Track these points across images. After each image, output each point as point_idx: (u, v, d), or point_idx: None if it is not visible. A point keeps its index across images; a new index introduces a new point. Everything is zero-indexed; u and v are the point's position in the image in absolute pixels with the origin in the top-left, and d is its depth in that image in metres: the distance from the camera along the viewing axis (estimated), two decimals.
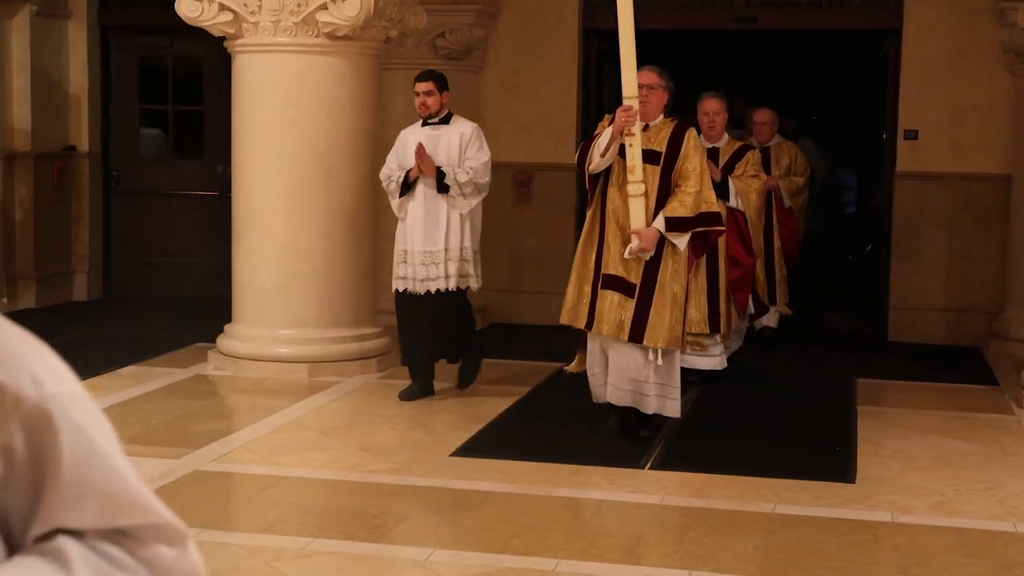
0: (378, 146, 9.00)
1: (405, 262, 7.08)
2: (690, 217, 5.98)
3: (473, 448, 6.70)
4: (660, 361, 6.05)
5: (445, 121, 7.04)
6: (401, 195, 7.05)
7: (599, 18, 10.67)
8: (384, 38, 8.79)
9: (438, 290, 7.07)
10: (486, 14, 10.35)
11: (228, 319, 8.88)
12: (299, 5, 8.34)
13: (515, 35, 10.59)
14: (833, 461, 6.61)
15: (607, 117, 6.14)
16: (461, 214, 7.10)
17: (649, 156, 5.95)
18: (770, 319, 9.11)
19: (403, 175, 6.96)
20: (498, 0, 10.52)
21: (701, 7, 10.80)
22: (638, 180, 5.82)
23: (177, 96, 12.67)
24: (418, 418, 7.66)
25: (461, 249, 7.10)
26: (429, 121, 7.00)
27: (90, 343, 9.84)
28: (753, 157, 8.03)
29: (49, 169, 11.56)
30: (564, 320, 6.26)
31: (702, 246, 6.32)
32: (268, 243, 8.51)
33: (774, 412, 7.75)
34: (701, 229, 6.09)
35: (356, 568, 5.31)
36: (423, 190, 7.02)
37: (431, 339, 7.28)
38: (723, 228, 6.43)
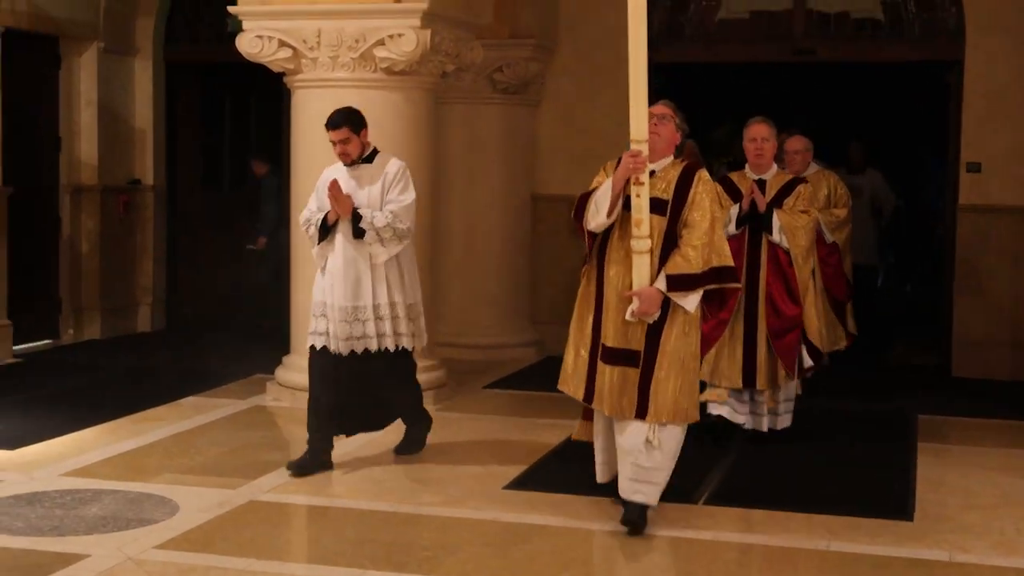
0: (435, 181, 9.09)
1: (324, 315, 6.41)
2: (697, 274, 5.24)
3: (526, 482, 6.68)
4: (659, 443, 5.33)
5: (368, 160, 6.33)
6: (320, 240, 6.33)
7: (656, 52, 10.89)
8: (441, 72, 8.84)
9: (366, 350, 6.41)
10: (543, 48, 10.47)
11: (287, 350, 8.93)
12: (357, 41, 8.46)
13: (572, 69, 10.69)
14: (891, 498, 6.48)
15: (604, 168, 5.48)
16: (386, 263, 6.40)
17: (655, 205, 5.26)
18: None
19: (322, 217, 6.26)
20: (555, 34, 10.65)
21: (760, 41, 10.91)
22: (644, 235, 5.17)
23: (237, 130, 12.84)
24: (472, 451, 7.61)
25: (391, 304, 6.40)
26: (352, 165, 6.34)
27: (152, 374, 9.96)
28: (805, 191, 7.23)
29: (115, 202, 11.71)
30: (561, 387, 5.66)
31: (719, 304, 5.66)
32: None
33: (832, 447, 7.65)
34: (713, 287, 5.36)
35: None
36: (342, 237, 6.31)
37: (348, 404, 6.63)
38: (739, 285, 5.67)
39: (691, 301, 5.20)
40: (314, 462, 6.50)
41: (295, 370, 8.57)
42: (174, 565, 5.39)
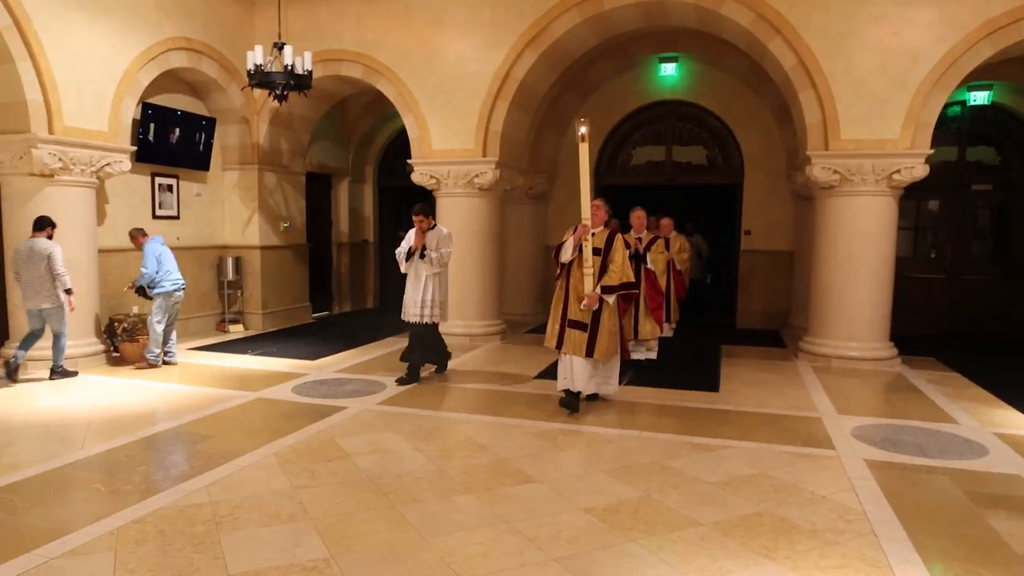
0: (502, 238, 9.90)
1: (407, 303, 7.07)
2: (615, 285, 5.82)
3: (543, 374, 7.29)
4: (603, 365, 6.09)
5: (432, 228, 6.96)
6: (407, 260, 6.98)
7: (602, 179, 12.04)
8: (504, 190, 9.75)
9: (424, 321, 7.02)
10: (551, 177, 11.96)
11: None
12: (465, 176, 9.30)
13: (564, 186, 11.86)
14: (708, 381, 7.22)
15: (568, 230, 5.97)
16: (429, 276, 6.98)
17: (595, 251, 5.82)
18: (667, 331, 8.92)
19: (407, 250, 6.92)
20: (556, 169, 12.01)
21: (651, 173, 11.87)
22: (589, 266, 5.76)
23: (408, 211, 11.45)
24: (518, 361, 8.08)
25: (432, 300, 7.03)
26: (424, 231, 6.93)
27: (373, 327, 11.01)
28: (660, 244, 8.20)
29: (357, 250, 13.38)
30: (546, 344, 6.11)
31: (627, 300, 6.07)
32: (454, 281, 9.05)
33: (680, 361, 8.20)
34: (624, 292, 5.91)
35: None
36: (417, 261, 6.95)
37: (417, 347, 7.16)
38: (637, 292, 6.65)
39: (611, 299, 5.86)
40: (412, 378, 7.04)
41: (449, 327, 9.14)
42: (384, 411, 6.11)
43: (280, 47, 8.58)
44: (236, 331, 10.78)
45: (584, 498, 4.31)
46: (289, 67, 8.45)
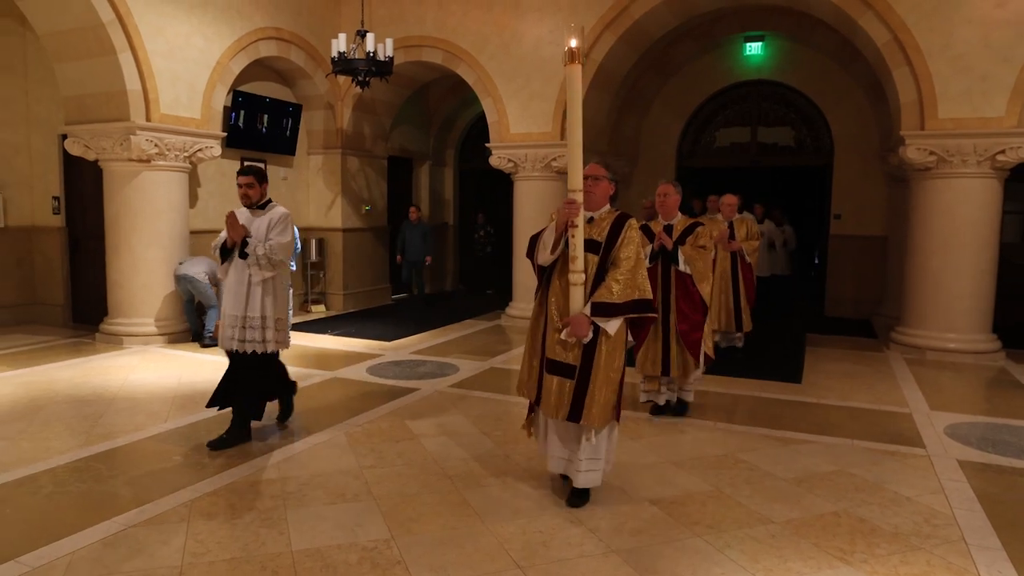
0: None
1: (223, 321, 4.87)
2: (618, 303, 3.77)
3: None
4: (594, 440, 3.95)
5: (262, 207, 4.91)
6: (223, 261, 4.88)
7: (686, 161, 12.04)
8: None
9: (247, 351, 4.82)
10: (632, 161, 11.95)
11: (509, 300, 10.15)
12: (543, 159, 9.35)
13: (646, 169, 12.00)
14: (791, 372, 6.99)
15: (552, 214, 4.00)
16: (257, 283, 4.81)
17: (591, 246, 3.86)
18: (738, 341, 7.72)
19: (222, 242, 4.86)
20: (637, 156, 12.08)
21: (733, 154, 11.72)
22: (579, 270, 3.78)
23: (487, 199, 13.64)
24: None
25: (263, 317, 4.82)
26: (251, 208, 4.92)
27: (450, 309, 11.27)
28: (703, 231, 5.45)
29: (436, 233, 13.33)
30: (518, 392, 4.17)
31: (640, 330, 3.98)
32: (518, 271, 9.52)
33: (768, 349, 7.96)
34: (633, 316, 3.83)
35: None
36: (237, 260, 4.83)
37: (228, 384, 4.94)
38: (655, 315, 3.91)
39: (612, 325, 3.80)
40: (237, 437, 4.90)
41: (515, 310, 9.80)
42: (455, 394, 6.13)
43: (363, 34, 8.72)
44: (318, 311, 11.05)
45: (650, 489, 4.18)
46: (371, 54, 8.56)
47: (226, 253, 4.81)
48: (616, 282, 3.78)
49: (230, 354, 4.86)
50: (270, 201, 4.92)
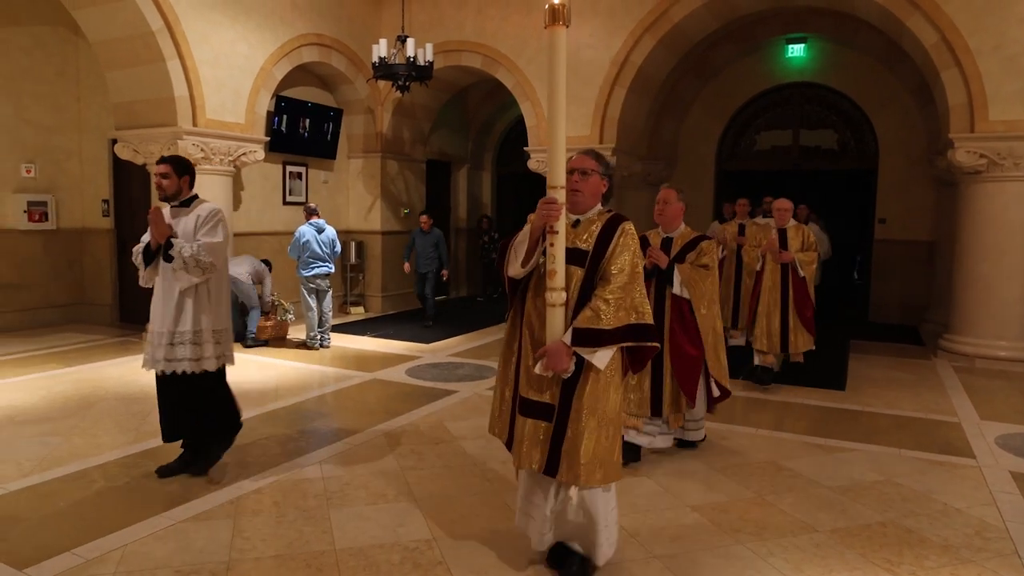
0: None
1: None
2: (607, 329, 2.93)
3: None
4: (575, 500, 3.13)
5: (186, 204, 4.27)
6: (146, 265, 4.26)
7: (724, 164, 12.05)
8: (621, 176, 9.53)
9: (178, 372, 4.17)
10: (669, 164, 11.96)
11: None
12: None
13: (685, 173, 11.93)
14: (835, 379, 6.92)
15: (529, 217, 3.10)
16: (186, 290, 4.15)
17: (575, 256, 3.03)
18: (775, 364, 6.68)
19: (144, 244, 4.25)
20: (676, 158, 12.07)
21: (774, 158, 11.68)
22: (558, 287, 2.96)
23: (528, 202, 14.27)
24: None
25: (196, 331, 4.18)
26: (171, 203, 4.28)
27: (485, 311, 11.53)
28: (708, 247, 4.60)
29: (475, 236, 13.70)
30: (490, 431, 3.34)
31: (638, 362, 3.14)
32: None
33: (810, 354, 6.96)
34: (630, 344, 2.99)
35: None
36: (164, 266, 4.18)
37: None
38: (656, 345, 3.08)
39: (600, 358, 2.96)
40: (202, 464, 4.40)
41: None
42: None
43: (403, 40, 8.83)
44: (357, 313, 11.19)
45: (692, 495, 4.15)
46: (411, 59, 8.66)
47: (150, 257, 4.19)
48: (605, 302, 2.94)
49: (157, 377, 4.20)
50: (196, 197, 4.29)
